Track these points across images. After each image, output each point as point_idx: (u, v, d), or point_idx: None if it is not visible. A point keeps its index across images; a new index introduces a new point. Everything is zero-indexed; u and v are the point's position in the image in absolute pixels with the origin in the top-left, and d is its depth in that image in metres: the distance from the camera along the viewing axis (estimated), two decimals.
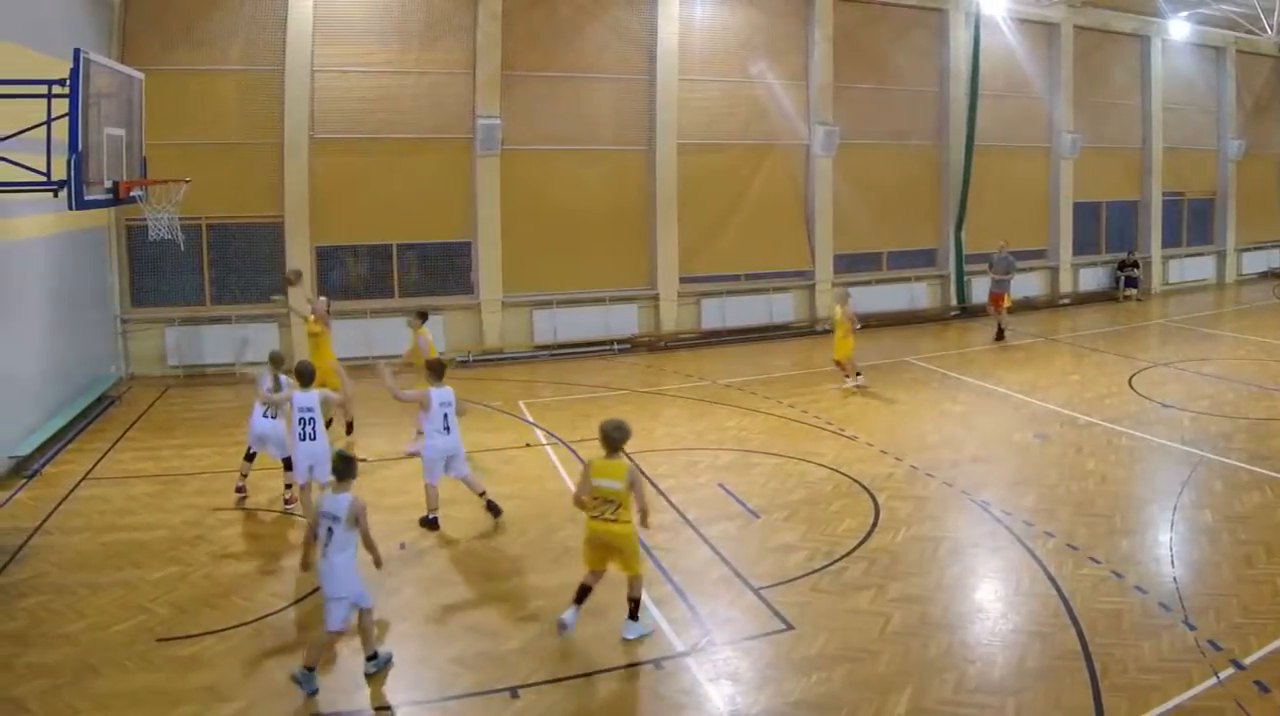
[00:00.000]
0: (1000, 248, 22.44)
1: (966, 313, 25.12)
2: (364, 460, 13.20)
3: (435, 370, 11.03)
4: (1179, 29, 28.34)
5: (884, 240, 25.11)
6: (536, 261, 21.04)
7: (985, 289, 23.15)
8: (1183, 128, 29.88)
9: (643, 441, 13.98)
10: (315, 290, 18.44)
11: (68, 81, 9.54)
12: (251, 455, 11.81)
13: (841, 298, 17.49)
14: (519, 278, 20.94)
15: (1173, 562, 9.49)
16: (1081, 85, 27.25)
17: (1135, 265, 28.50)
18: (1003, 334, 22.22)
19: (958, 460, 13.07)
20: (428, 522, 10.78)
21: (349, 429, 14.38)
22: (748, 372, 19.04)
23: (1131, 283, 28.28)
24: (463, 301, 20.72)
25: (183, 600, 8.97)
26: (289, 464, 11.32)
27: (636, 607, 8.24)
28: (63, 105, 9.60)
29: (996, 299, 22.22)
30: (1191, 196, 30.94)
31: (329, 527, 7.39)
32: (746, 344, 22.27)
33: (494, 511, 11.02)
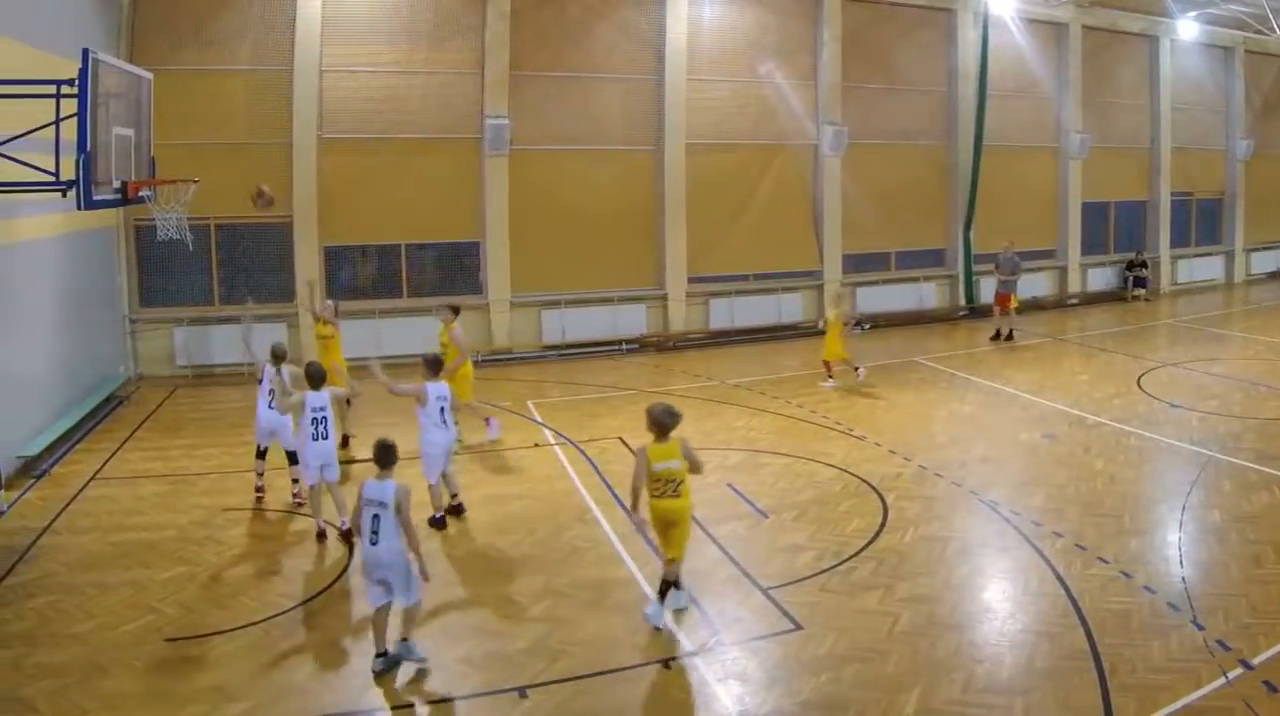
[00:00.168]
0: (1006, 248, 22.41)
1: (975, 313, 25.04)
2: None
3: (431, 365, 11.06)
4: (1187, 29, 28.24)
5: (892, 240, 25.07)
6: (545, 261, 21.07)
7: (994, 289, 23.04)
8: (1191, 128, 29.81)
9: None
10: (324, 292, 18.45)
11: (76, 81, 9.56)
12: (263, 452, 11.80)
13: (837, 298, 17.75)
14: (527, 278, 20.97)
15: (1181, 562, 9.46)
16: (1090, 85, 27.21)
17: (1144, 265, 28.43)
18: (999, 335, 22.03)
19: (966, 460, 13.04)
20: (436, 522, 10.77)
21: (344, 442, 13.64)
22: (756, 373, 19.03)
23: (1140, 282, 28.22)
24: (471, 301, 20.61)
25: (191, 600, 8.98)
26: (293, 458, 11.37)
27: (667, 590, 8.36)
28: (71, 105, 9.62)
29: (1003, 300, 22.12)
30: (1200, 196, 30.85)
31: (375, 514, 7.55)
32: (755, 344, 22.28)
33: (457, 512, 11.07)
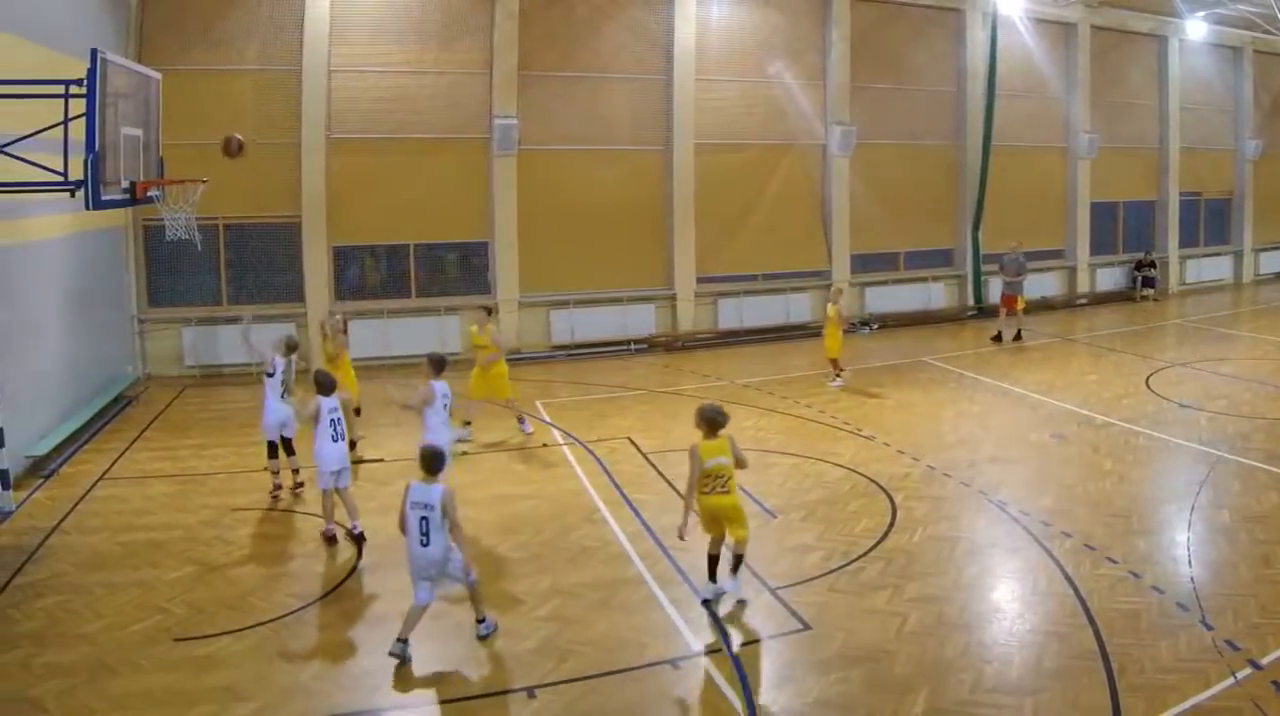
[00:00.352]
0: (1012, 248, 22.26)
1: (983, 313, 24.94)
2: (379, 461, 13.30)
3: (436, 364, 11.10)
4: (1196, 29, 28.16)
5: (901, 240, 25.02)
6: (553, 261, 21.06)
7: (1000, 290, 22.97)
8: (1200, 127, 29.71)
9: (660, 441, 14.03)
10: (331, 295, 18.34)
11: (85, 81, 9.60)
12: (274, 450, 11.82)
13: (835, 295, 17.94)
14: (536, 277, 20.97)
15: (1190, 562, 9.43)
16: (1098, 85, 27.12)
17: (1152, 265, 28.35)
18: (1001, 337, 21.88)
19: (975, 460, 13.01)
20: None
21: (352, 445, 13.08)
22: (765, 372, 19.01)
23: (1148, 282, 28.13)
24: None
25: (200, 600, 8.99)
26: (290, 448, 11.77)
27: (739, 563, 8.84)
28: (80, 105, 9.65)
29: (1009, 301, 22.00)
30: (1209, 196, 30.76)
31: (423, 517, 7.75)
32: (763, 344, 22.25)
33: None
